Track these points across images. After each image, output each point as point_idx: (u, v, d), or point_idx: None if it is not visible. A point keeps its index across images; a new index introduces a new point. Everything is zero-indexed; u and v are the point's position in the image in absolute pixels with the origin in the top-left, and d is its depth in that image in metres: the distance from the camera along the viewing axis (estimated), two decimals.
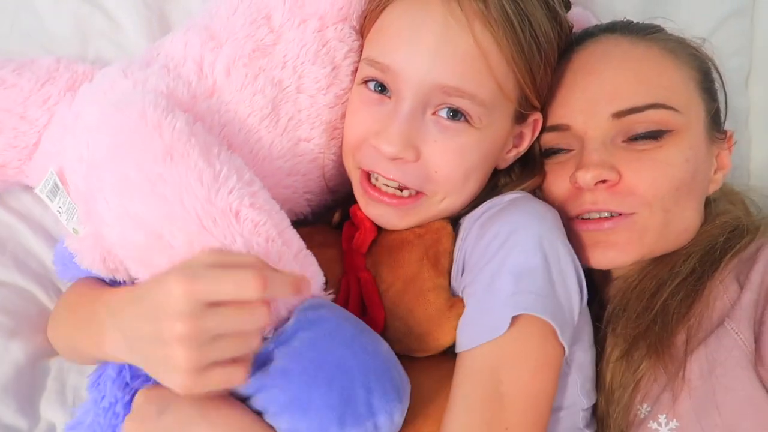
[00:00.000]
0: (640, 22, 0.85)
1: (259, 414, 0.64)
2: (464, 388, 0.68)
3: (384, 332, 0.73)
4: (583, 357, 0.76)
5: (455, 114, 0.73)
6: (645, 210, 0.76)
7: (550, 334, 0.68)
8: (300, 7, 0.79)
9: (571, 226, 0.79)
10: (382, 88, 0.76)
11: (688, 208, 0.78)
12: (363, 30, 0.80)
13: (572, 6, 0.85)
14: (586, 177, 0.76)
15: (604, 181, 0.77)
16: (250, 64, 0.77)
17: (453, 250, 0.77)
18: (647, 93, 0.77)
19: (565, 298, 0.70)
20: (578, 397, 0.76)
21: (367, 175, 0.78)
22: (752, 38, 1.02)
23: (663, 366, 0.73)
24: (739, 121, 0.92)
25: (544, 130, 0.82)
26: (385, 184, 0.76)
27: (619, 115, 0.77)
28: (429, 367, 0.72)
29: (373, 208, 0.78)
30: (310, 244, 0.80)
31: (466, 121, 0.73)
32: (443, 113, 0.73)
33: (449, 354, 0.72)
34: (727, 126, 0.85)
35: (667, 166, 0.76)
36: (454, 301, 0.73)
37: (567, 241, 0.73)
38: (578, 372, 0.75)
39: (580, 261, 0.74)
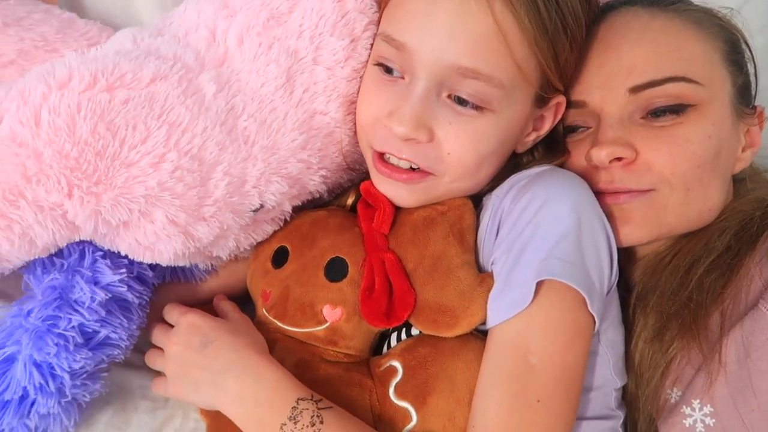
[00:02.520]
0: None
1: None
2: (493, 363, 0.65)
3: (414, 313, 0.70)
4: (613, 335, 0.72)
5: (462, 102, 0.68)
6: (665, 187, 0.71)
7: (580, 302, 0.64)
8: None
9: None
10: (391, 71, 0.71)
11: (711, 186, 0.72)
12: (381, 3, 0.75)
13: None
14: (600, 155, 0.71)
15: (619, 159, 0.71)
16: (264, 33, 0.72)
17: (475, 226, 0.73)
18: (666, 66, 0.71)
19: (596, 269, 0.66)
20: (611, 376, 0.71)
21: (380, 154, 0.73)
22: None
23: (698, 347, 0.67)
24: (764, 100, 0.85)
25: (566, 106, 0.76)
26: (396, 164, 0.72)
27: (636, 89, 0.71)
28: (459, 348, 0.69)
29: (384, 185, 0.74)
30: (327, 228, 0.78)
31: (478, 107, 0.68)
32: (456, 100, 0.68)
33: (478, 334, 0.69)
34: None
35: (687, 143, 0.71)
36: (483, 277, 0.69)
37: (600, 212, 0.69)
38: (610, 350, 0.71)
39: None
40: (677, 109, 0.71)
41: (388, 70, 0.71)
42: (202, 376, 0.69)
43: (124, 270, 0.72)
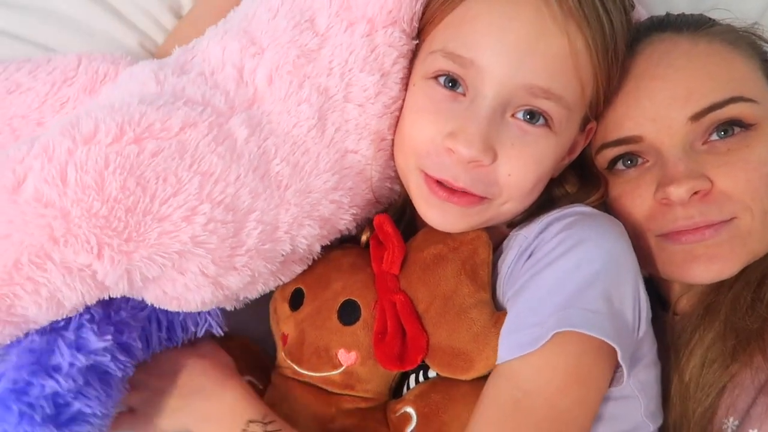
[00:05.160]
0: (690, 14, 0.76)
1: None
2: (485, 393, 0.63)
3: (429, 356, 0.66)
4: (645, 376, 0.67)
5: (534, 116, 0.63)
6: (746, 214, 0.67)
7: (593, 350, 0.60)
8: (346, 10, 0.68)
9: (658, 243, 0.69)
10: (452, 83, 0.65)
11: None
12: (428, 20, 0.69)
13: None
14: (679, 192, 0.66)
15: (696, 192, 0.67)
16: (294, 72, 0.67)
17: (491, 260, 0.68)
18: (723, 88, 0.67)
19: (621, 317, 0.62)
20: (642, 419, 0.67)
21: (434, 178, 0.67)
22: None
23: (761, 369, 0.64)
24: None
25: (607, 145, 0.72)
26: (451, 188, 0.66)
27: (698, 116, 0.67)
28: (472, 394, 0.65)
29: (434, 209, 0.67)
30: (340, 268, 0.73)
31: (547, 125, 0.64)
32: (521, 115, 0.63)
33: None
34: None
35: (761, 165, 0.67)
36: (499, 316, 0.64)
37: (636, 263, 0.65)
38: (642, 393, 0.66)
39: (677, 277, 0.68)
40: (738, 130, 0.67)
41: (452, 83, 0.65)
42: (176, 402, 0.69)
43: (109, 337, 0.63)
